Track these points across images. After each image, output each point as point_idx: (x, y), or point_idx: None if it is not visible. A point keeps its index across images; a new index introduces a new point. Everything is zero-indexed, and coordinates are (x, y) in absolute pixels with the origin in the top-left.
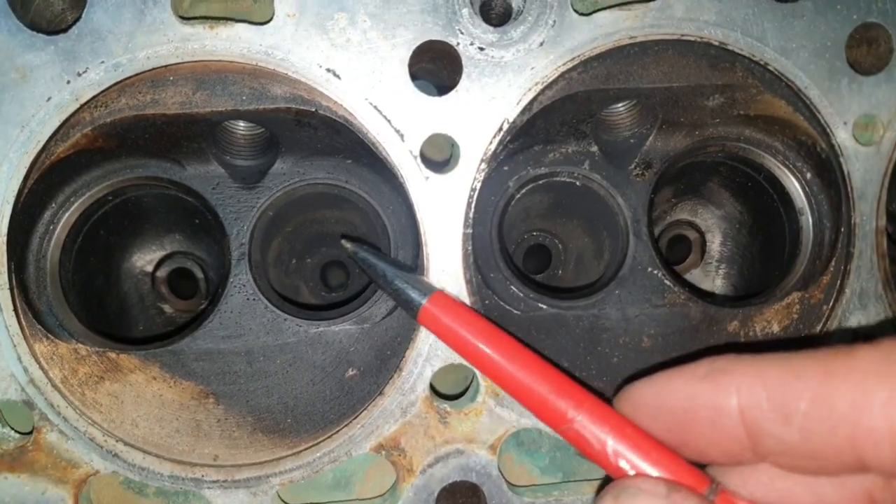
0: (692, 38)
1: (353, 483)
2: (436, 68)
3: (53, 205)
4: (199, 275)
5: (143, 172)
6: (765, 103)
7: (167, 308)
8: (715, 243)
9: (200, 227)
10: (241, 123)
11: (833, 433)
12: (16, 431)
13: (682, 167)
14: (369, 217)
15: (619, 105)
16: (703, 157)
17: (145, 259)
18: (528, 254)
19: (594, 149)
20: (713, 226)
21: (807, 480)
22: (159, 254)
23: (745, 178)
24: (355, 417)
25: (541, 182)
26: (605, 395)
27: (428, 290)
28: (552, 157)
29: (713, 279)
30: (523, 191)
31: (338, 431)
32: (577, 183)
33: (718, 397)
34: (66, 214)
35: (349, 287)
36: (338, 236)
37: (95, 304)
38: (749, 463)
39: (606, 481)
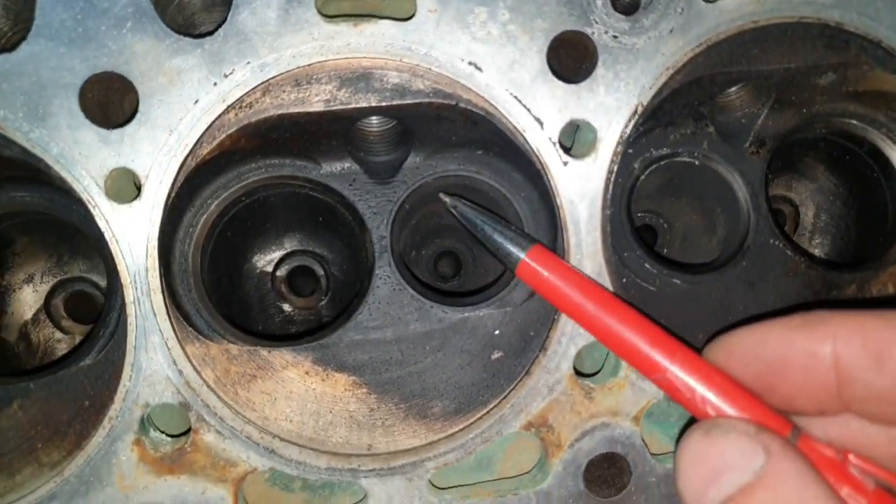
0: (810, 20)
1: (494, 463)
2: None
3: (193, 207)
4: (320, 272)
5: (278, 172)
6: (875, 79)
7: (286, 307)
8: (808, 216)
9: (322, 225)
10: (375, 120)
11: None
12: (168, 435)
13: (782, 145)
14: (499, 204)
15: (732, 87)
16: (808, 134)
17: (265, 259)
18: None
19: (711, 129)
20: (807, 199)
21: (887, 430)
22: (279, 253)
23: (843, 152)
24: (504, 398)
25: (663, 163)
26: (694, 346)
27: (526, 243)
28: (672, 138)
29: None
30: (647, 171)
31: (488, 412)
32: (697, 162)
33: (813, 344)
34: (204, 217)
35: (462, 277)
36: (451, 228)
37: (224, 306)
38: (832, 413)
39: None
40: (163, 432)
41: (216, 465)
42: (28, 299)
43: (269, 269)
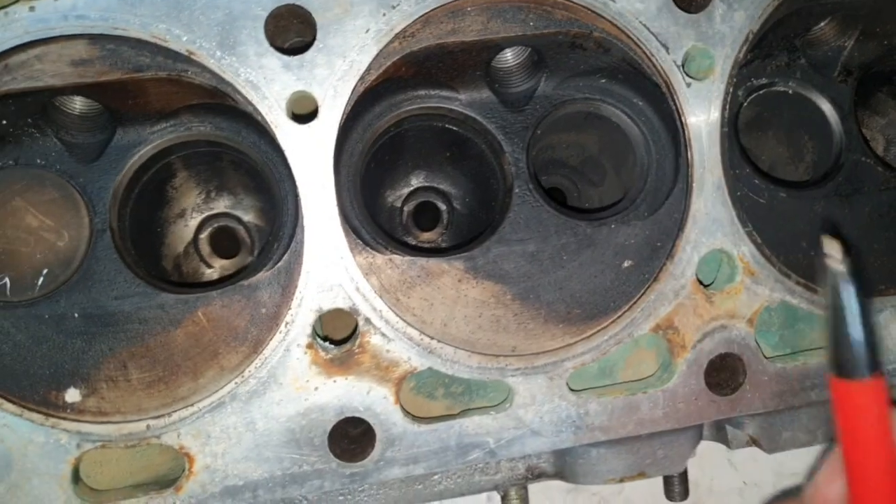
0: None
1: (616, 371)
2: None
3: (356, 132)
4: (443, 207)
5: (425, 103)
6: None
7: (410, 240)
8: (879, 150)
9: (449, 160)
10: (510, 53)
11: None
12: (332, 342)
13: (867, 74)
14: (622, 130)
15: (823, 20)
16: (890, 65)
17: (396, 194)
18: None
19: (803, 61)
20: (877, 133)
21: None
22: (406, 189)
23: None
24: (635, 302)
25: (762, 92)
26: None
27: (870, 367)
28: (770, 69)
29: None
30: (749, 99)
31: (620, 316)
32: (791, 91)
33: None
34: (361, 145)
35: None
36: (558, 163)
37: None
38: None
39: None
40: (327, 339)
41: (380, 366)
42: (180, 233)
43: (399, 203)
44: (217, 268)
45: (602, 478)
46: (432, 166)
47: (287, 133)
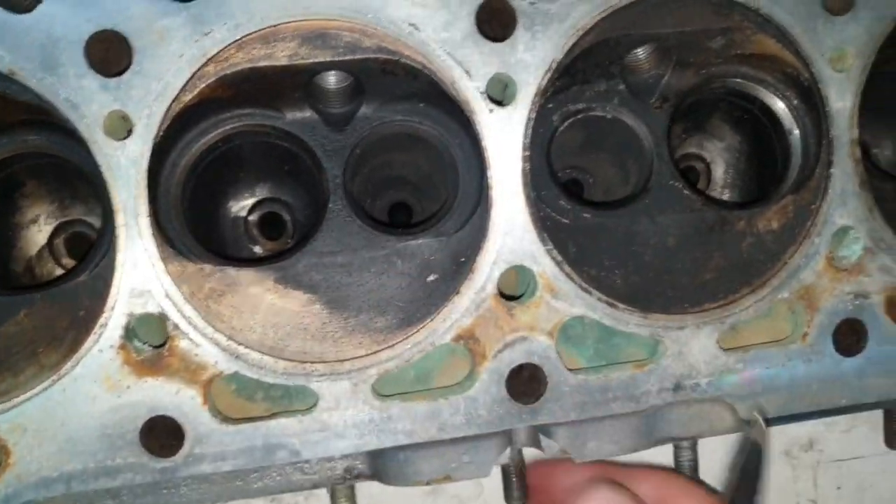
0: None
1: (432, 377)
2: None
3: (176, 149)
4: (287, 217)
5: (249, 121)
6: (757, 42)
7: (257, 248)
8: (718, 172)
9: (289, 174)
10: (332, 76)
11: None
12: (148, 345)
13: (689, 105)
14: (438, 151)
15: (640, 50)
16: (708, 94)
17: (240, 205)
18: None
19: (621, 87)
20: (716, 157)
21: None
22: (251, 200)
23: (741, 112)
24: (438, 314)
25: (579, 116)
26: None
27: None
28: (587, 94)
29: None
30: (565, 124)
31: (424, 326)
32: (609, 116)
33: None
34: (185, 158)
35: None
36: (402, 180)
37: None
38: None
39: None
40: (144, 342)
41: (188, 369)
42: (34, 238)
43: (243, 214)
44: None
45: (409, 479)
46: (274, 178)
47: (103, 149)
